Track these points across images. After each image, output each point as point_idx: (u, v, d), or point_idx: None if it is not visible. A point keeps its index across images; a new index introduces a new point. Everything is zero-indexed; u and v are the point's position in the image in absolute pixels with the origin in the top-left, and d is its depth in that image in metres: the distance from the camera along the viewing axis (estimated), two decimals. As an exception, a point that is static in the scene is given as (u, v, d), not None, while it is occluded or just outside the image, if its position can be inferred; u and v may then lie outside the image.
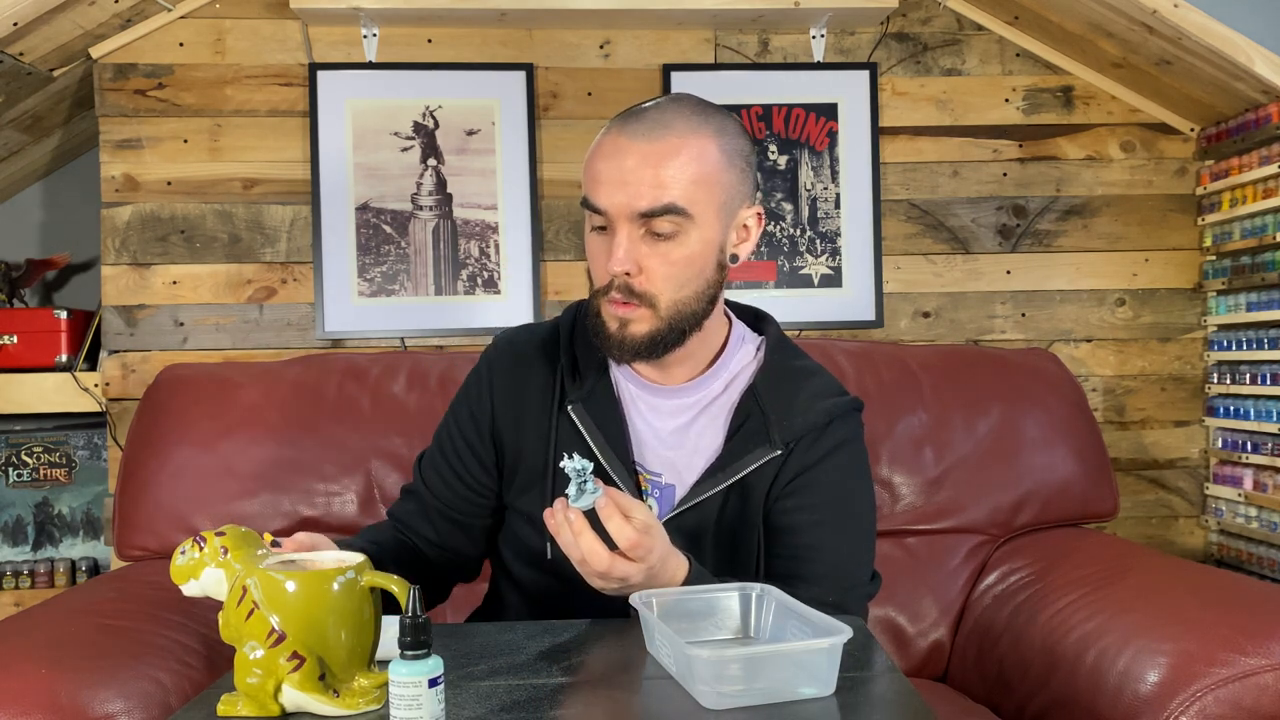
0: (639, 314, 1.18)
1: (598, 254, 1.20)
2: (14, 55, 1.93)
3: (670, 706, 0.90)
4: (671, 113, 1.18)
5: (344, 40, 2.14)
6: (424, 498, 1.33)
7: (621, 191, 1.15)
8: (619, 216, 1.16)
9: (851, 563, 1.25)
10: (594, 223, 1.20)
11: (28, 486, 2.28)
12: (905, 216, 2.23)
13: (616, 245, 1.16)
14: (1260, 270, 2.04)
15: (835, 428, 1.26)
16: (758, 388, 1.26)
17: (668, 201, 1.14)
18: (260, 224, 2.13)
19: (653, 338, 1.19)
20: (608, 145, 1.18)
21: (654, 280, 1.17)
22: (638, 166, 1.14)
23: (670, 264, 1.17)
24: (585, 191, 1.20)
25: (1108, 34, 2.05)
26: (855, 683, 0.93)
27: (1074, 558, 1.69)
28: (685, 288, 1.19)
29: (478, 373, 1.34)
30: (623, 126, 1.18)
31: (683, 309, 1.19)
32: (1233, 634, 1.30)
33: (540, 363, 1.30)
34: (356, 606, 0.90)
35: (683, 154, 1.15)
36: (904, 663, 1.78)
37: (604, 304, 1.20)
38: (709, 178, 1.17)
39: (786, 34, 2.21)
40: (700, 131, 1.17)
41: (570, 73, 2.18)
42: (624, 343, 1.19)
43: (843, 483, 1.26)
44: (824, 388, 1.29)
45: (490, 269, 2.16)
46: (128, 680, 1.25)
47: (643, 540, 1.03)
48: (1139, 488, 2.25)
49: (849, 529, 1.26)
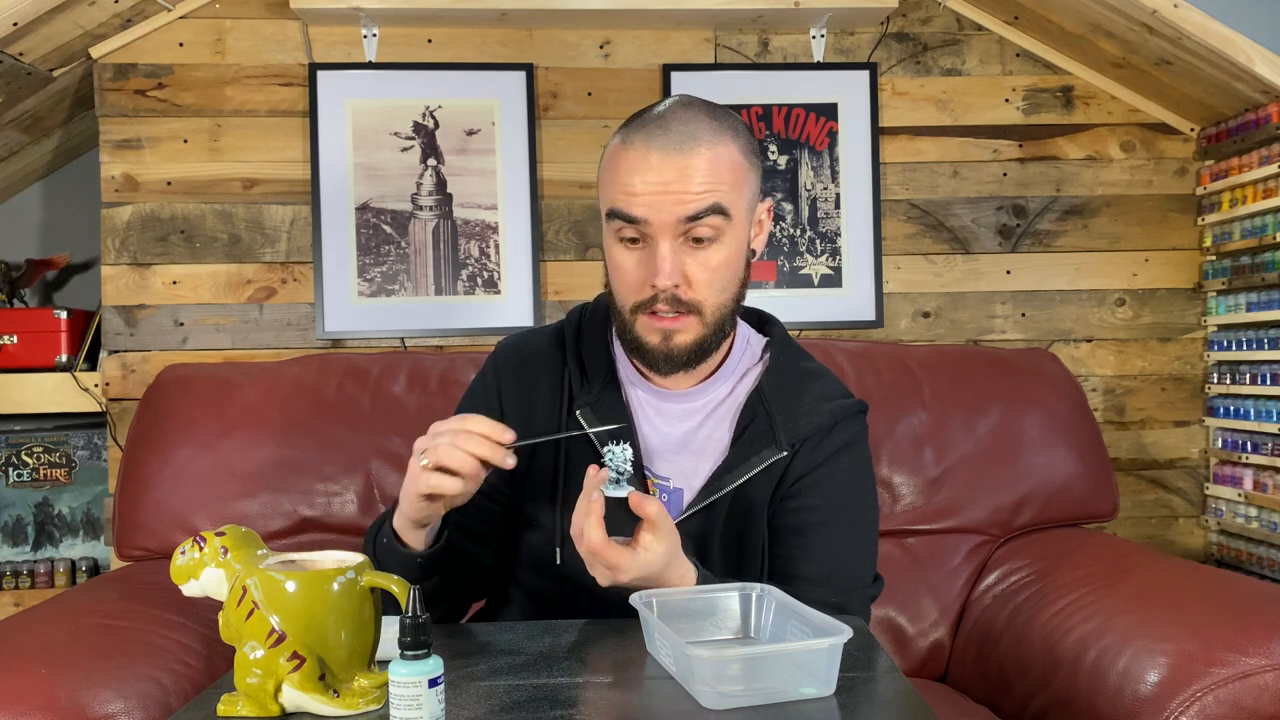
0: (686, 323, 1.18)
1: (630, 267, 1.19)
2: (14, 55, 1.93)
3: (670, 706, 0.90)
4: (693, 123, 1.17)
5: (344, 40, 2.14)
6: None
7: (663, 200, 1.14)
8: (662, 227, 1.15)
9: (854, 564, 1.25)
10: (624, 234, 1.18)
11: (28, 486, 2.28)
12: (905, 216, 2.23)
13: (661, 259, 1.15)
14: (1260, 270, 2.04)
15: (841, 429, 1.26)
16: (764, 389, 1.26)
17: (711, 203, 1.15)
18: (260, 224, 2.13)
19: (700, 345, 1.20)
20: (636, 159, 1.16)
21: (699, 288, 1.18)
22: (677, 179, 1.14)
23: (711, 270, 1.17)
24: (613, 204, 1.17)
25: (1108, 34, 2.05)
26: (855, 683, 0.93)
27: (1074, 558, 1.69)
28: (726, 290, 1.20)
29: (483, 378, 1.34)
30: (649, 140, 1.16)
31: (724, 312, 1.21)
32: (1233, 634, 1.30)
33: (548, 367, 1.30)
34: (356, 606, 0.90)
35: (716, 159, 1.16)
36: (904, 663, 1.78)
37: (642, 319, 1.19)
38: (739, 180, 1.18)
39: (786, 34, 2.21)
40: (723, 136, 1.18)
41: (570, 73, 2.18)
42: (671, 355, 1.20)
43: (847, 484, 1.26)
44: (829, 390, 1.29)
45: (490, 269, 2.16)
46: (128, 680, 1.25)
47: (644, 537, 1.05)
48: (1139, 488, 2.25)
49: (852, 531, 1.26)
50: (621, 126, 1.21)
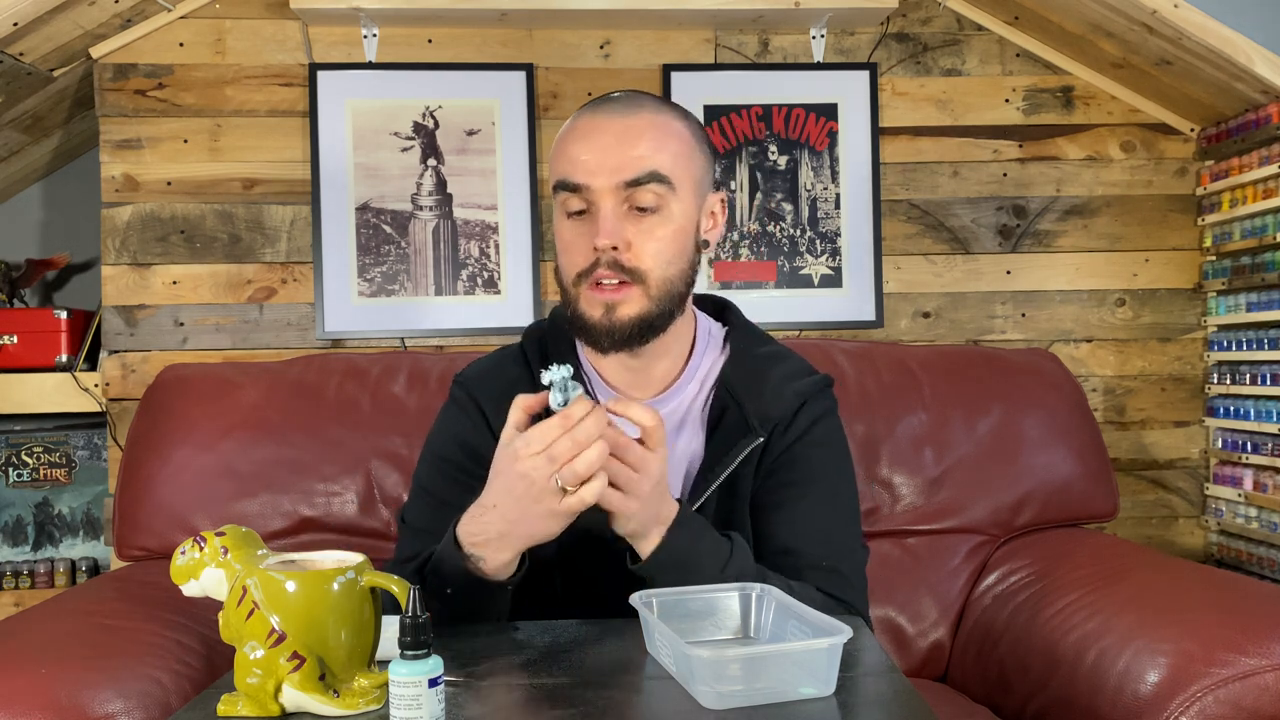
0: (629, 294, 1.16)
1: (575, 238, 1.18)
2: (14, 55, 1.93)
3: (670, 706, 0.90)
4: (639, 98, 1.21)
5: (344, 40, 2.14)
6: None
7: (603, 165, 1.15)
8: (602, 191, 1.15)
9: (841, 531, 1.26)
10: (570, 207, 1.18)
11: (28, 486, 2.28)
12: (905, 216, 2.23)
13: (602, 219, 1.15)
14: (1260, 270, 2.04)
15: (810, 406, 1.27)
16: (728, 379, 1.26)
17: (652, 168, 1.15)
18: (260, 224, 2.13)
19: (643, 320, 1.17)
20: (581, 128, 1.19)
21: (643, 256, 1.16)
22: (617, 142, 1.16)
23: (657, 239, 1.17)
24: (559, 175, 1.19)
25: (1108, 34, 2.05)
26: (855, 683, 0.93)
27: (1074, 558, 1.69)
28: (672, 265, 1.18)
29: (460, 409, 1.28)
30: (594, 110, 1.20)
31: (670, 288, 1.19)
32: (1233, 634, 1.30)
33: (521, 388, 1.23)
34: (356, 606, 0.90)
35: (659, 128, 1.18)
36: (904, 663, 1.77)
37: (585, 292, 1.18)
38: (683, 151, 1.19)
39: (786, 34, 2.21)
40: (669, 112, 1.21)
41: (570, 73, 2.18)
42: (613, 329, 1.17)
43: (822, 456, 1.27)
44: (793, 370, 1.29)
45: (490, 269, 2.16)
46: (128, 680, 1.25)
47: (656, 432, 1.05)
48: (1139, 488, 2.25)
49: (834, 500, 1.27)
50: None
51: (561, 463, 1.00)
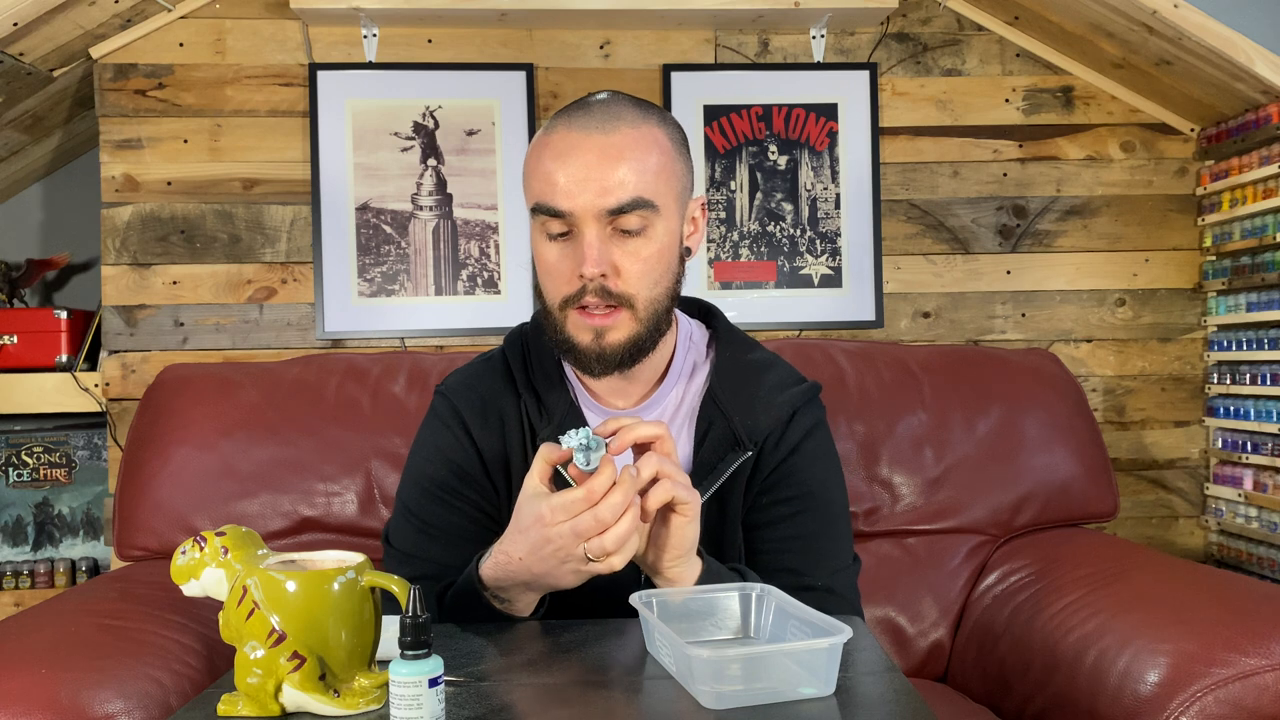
0: (618, 319, 1.14)
1: (558, 262, 1.14)
2: (14, 55, 1.93)
3: (670, 706, 0.90)
4: (616, 105, 1.15)
5: (344, 40, 2.14)
6: (430, 569, 1.20)
7: (585, 191, 1.11)
8: (585, 217, 1.11)
9: (834, 546, 1.25)
10: (550, 230, 1.14)
11: (28, 486, 2.28)
12: (905, 216, 2.23)
13: (588, 246, 1.11)
14: (1260, 270, 2.04)
15: (801, 417, 1.25)
16: (715, 390, 1.24)
17: (636, 195, 1.11)
18: (260, 224, 2.13)
19: (633, 343, 1.15)
20: (558, 143, 1.13)
21: (630, 280, 1.13)
22: (597, 162, 1.11)
23: (643, 262, 1.13)
24: (537, 196, 1.14)
25: (1108, 34, 2.05)
26: (855, 683, 0.93)
27: (1074, 558, 1.69)
28: (658, 285, 1.16)
29: (443, 424, 1.26)
30: (570, 122, 1.14)
31: (657, 308, 1.16)
32: (1233, 634, 1.30)
33: (505, 399, 1.25)
34: (356, 606, 0.90)
35: (640, 145, 1.13)
36: (904, 663, 1.78)
37: (572, 315, 1.15)
38: (665, 165, 1.15)
39: (786, 34, 2.21)
40: (649, 121, 1.15)
41: (570, 73, 2.18)
42: (603, 354, 1.15)
43: (814, 470, 1.25)
44: (782, 379, 1.27)
45: (490, 269, 2.16)
46: (128, 680, 1.25)
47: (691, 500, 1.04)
48: (1139, 488, 2.25)
49: (827, 514, 1.26)
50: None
51: (586, 538, 0.99)
